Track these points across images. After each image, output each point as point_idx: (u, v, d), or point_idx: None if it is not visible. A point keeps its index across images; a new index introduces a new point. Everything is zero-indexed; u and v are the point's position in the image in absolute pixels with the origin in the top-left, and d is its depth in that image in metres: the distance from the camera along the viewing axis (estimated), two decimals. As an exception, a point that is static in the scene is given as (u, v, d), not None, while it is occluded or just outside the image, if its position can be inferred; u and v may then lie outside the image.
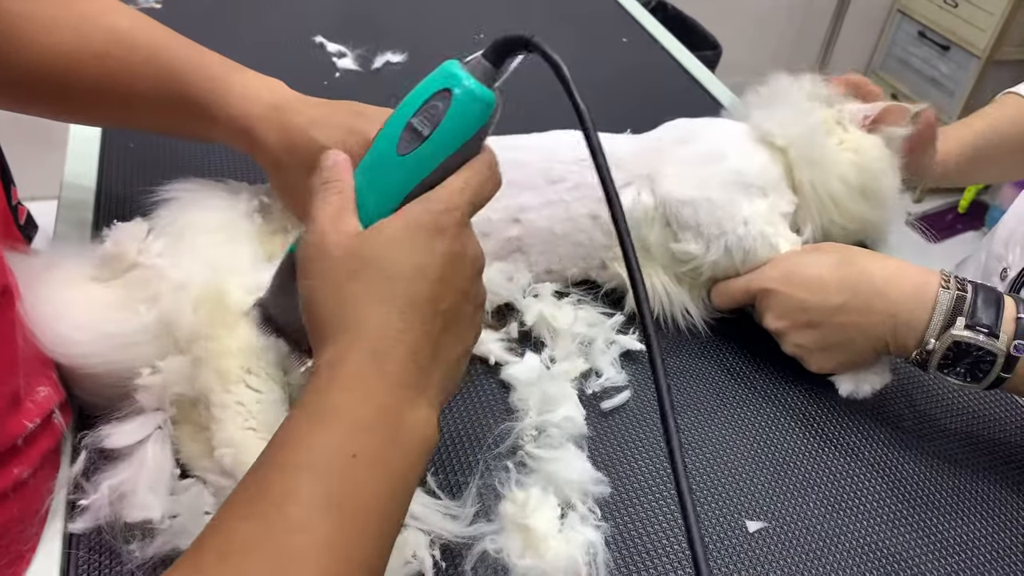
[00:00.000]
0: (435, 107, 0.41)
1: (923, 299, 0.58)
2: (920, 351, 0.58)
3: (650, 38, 1.19)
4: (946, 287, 0.58)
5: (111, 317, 0.51)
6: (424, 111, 0.41)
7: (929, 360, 0.58)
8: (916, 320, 0.58)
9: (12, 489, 0.45)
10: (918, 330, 0.58)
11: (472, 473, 0.54)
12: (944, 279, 0.58)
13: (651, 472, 0.57)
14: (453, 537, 0.50)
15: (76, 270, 0.55)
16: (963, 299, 0.57)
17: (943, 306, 0.57)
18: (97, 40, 0.56)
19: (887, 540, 0.55)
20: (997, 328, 0.55)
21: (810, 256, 0.64)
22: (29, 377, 0.47)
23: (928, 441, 0.63)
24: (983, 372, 0.56)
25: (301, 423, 0.36)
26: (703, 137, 0.69)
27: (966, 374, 0.57)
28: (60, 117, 0.63)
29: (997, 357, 0.55)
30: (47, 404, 0.47)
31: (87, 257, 0.56)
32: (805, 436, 0.62)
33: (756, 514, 0.55)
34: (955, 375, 0.58)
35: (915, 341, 0.58)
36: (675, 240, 0.66)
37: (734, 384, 0.65)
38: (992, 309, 0.56)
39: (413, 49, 1.04)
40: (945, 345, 0.56)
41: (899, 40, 2.72)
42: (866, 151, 0.66)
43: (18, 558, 0.46)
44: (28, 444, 0.46)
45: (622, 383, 0.63)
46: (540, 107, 0.70)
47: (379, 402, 0.36)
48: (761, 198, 0.65)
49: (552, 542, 0.50)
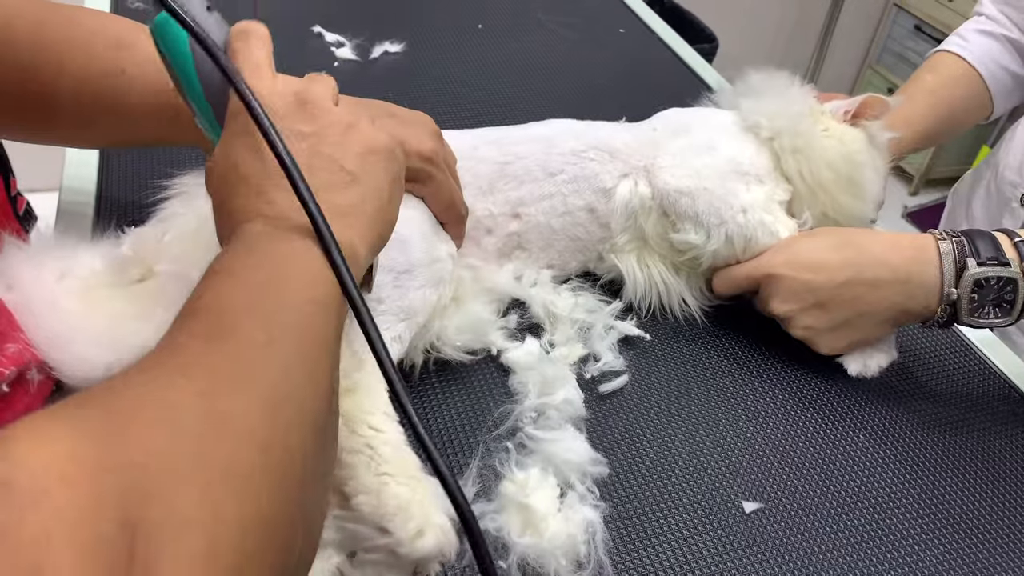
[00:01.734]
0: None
1: (927, 256, 0.60)
2: (943, 305, 0.60)
3: (647, 29, 1.20)
4: (943, 239, 0.60)
5: (133, 328, 0.50)
6: None
7: (958, 310, 0.60)
8: (928, 277, 0.60)
9: None
10: (933, 287, 0.60)
11: (473, 454, 0.55)
12: (936, 235, 0.61)
13: (649, 453, 0.58)
14: (455, 516, 0.51)
15: (90, 278, 0.54)
16: (962, 244, 0.60)
17: (948, 256, 0.59)
18: (108, 57, 0.56)
19: (884, 520, 0.56)
20: (1004, 257, 0.58)
21: (810, 239, 0.65)
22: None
23: (928, 421, 0.64)
24: (1009, 303, 0.59)
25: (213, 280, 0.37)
26: (696, 128, 0.70)
27: (996, 309, 0.59)
28: (75, 143, 0.64)
29: (1017, 281, 0.58)
30: (20, 359, 0.46)
31: (100, 260, 0.55)
32: (801, 418, 0.63)
33: (752, 495, 0.56)
34: (985, 317, 0.60)
35: (936, 297, 0.60)
36: (674, 230, 0.67)
37: (730, 367, 0.66)
38: (990, 243, 0.59)
39: (411, 39, 1.04)
40: (968, 287, 0.59)
41: (895, 34, 2.73)
42: (849, 142, 0.67)
43: None
44: (14, 402, 0.45)
45: (620, 367, 0.63)
46: (519, 97, 0.70)
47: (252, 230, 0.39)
48: (758, 185, 0.66)
49: (551, 521, 0.50)
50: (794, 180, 0.67)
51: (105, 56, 0.57)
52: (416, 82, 0.97)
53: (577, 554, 0.50)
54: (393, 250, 0.54)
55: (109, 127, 0.62)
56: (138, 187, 0.66)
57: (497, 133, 0.70)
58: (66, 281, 0.52)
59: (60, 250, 0.54)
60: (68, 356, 0.49)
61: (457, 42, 1.08)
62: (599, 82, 1.04)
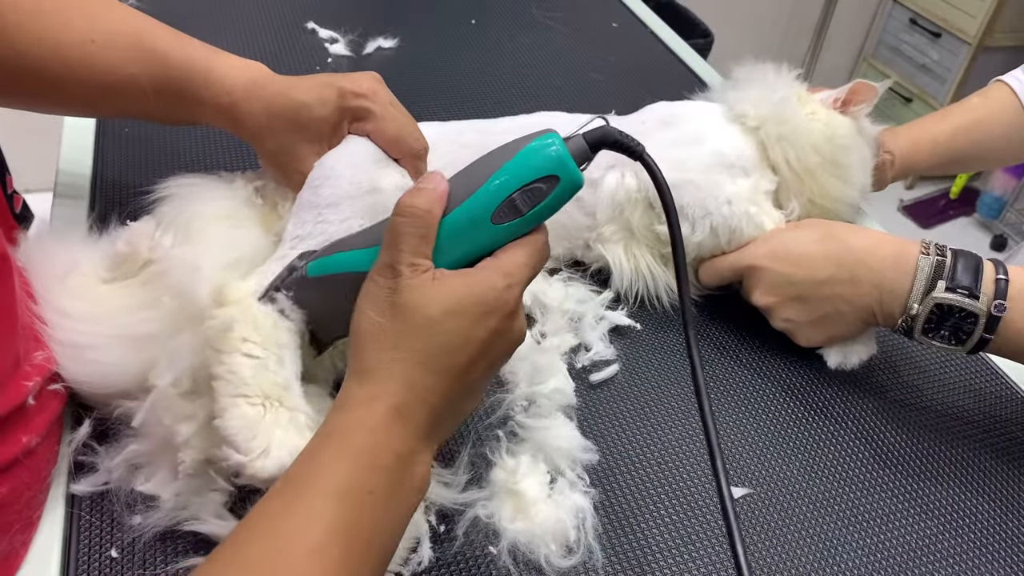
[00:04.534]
0: (539, 189, 0.42)
1: (904, 266, 0.59)
2: (905, 317, 0.59)
3: (641, 24, 1.20)
4: (926, 253, 0.59)
5: (142, 317, 0.51)
6: (528, 190, 0.42)
7: (914, 325, 0.59)
8: (899, 287, 0.59)
9: (23, 456, 0.46)
10: (902, 297, 0.59)
11: (464, 442, 0.56)
12: (924, 247, 0.60)
13: (638, 440, 0.59)
14: (447, 503, 0.52)
15: (92, 275, 0.55)
16: (943, 264, 0.58)
17: (924, 271, 0.58)
18: (80, 27, 0.57)
19: (869, 505, 0.57)
20: (977, 290, 0.57)
21: (794, 232, 0.66)
22: (27, 342, 0.48)
23: (910, 410, 0.65)
24: (966, 334, 0.58)
25: (327, 452, 0.39)
26: (683, 120, 0.70)
27: (950, 336, 0.59)
28: (43, 107, 0.63)
29: (979, 318, 0.57)
30: (46, 366, 0.48)
31: (99, 256, 0.56)
32: (789, 405, 0.63)
33: (741, 480, 0.57)
34: (939, 339, 0.59)
35: (900, 308, 0.60)
36: (660, 222, 0.67)
37: (719, 357, 0.67)
38: (972, 272, 0.58)
39: (405, 34, 1.05)
40: (928, 309, 0.58)
41: (891, 27, 2.73)
42: (836, 126, 0.68)
43: (28, 524, 0.47)
44: (36, 413, 0.47)
45: (611, 357, 0.64)
46: (513, 92, 0.71)
47: (397, 448, 0.40)
48: (743, 177, 0.67)
49: (542, 507, 0.51)
50: (780, 168, 0.68)
51: (79, 26, 0.58)
52: (410, 78, 0.98)
53: (567, 539, 0.51)
54: (322, 187, 0.56)
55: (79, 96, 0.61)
56: (132, 184, 0.66)
57: (485, 123, 0.71)
58: (70, 279, 0.53)
59: (61, 248, 0.55)
60: (84, 368, 0.50)
61: (451, 37, 1.09)
62: (593, 77, 1.04)
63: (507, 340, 0.44)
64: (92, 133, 0.80)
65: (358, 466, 0.39)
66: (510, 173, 0.42)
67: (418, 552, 0.49)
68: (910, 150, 0.80)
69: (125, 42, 0.58)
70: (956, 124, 0.83)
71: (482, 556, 0.50)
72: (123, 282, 0.55)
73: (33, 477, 0.48)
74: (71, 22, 0.57)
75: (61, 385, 0.50)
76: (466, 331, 0.41)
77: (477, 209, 0.43)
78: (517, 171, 0.42)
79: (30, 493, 0.47)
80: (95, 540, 0.48)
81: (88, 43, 0.57)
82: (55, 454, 0.50)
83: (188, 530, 0.48)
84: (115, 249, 0.56)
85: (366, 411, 0.40)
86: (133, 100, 0.60)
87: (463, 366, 0.41)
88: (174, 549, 0.48)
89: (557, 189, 0.42)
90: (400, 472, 0.40)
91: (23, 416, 0.46)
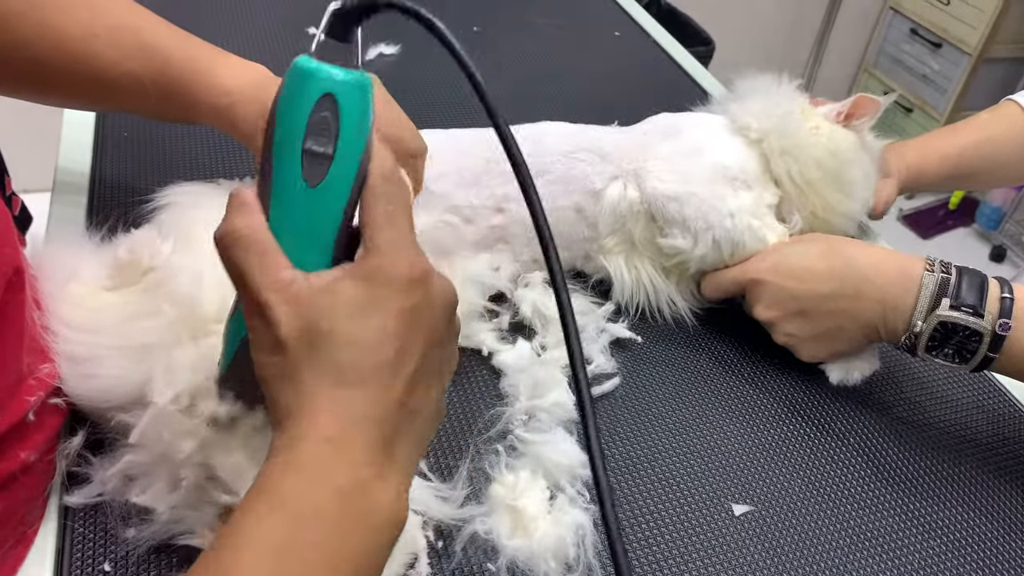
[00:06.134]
0: (324, 119, 0.35)
1: (908, 283, 0.59)
2: (908, 334, 0.59)
3: (642, 32, 1.20)
4: (931, 270, 0.59)
5: (145, 327, 0.50)
6: (315, 131, 0.35)
7: (917, 343, 0.59)
8: (903, 304, 0.59)
9: (20, 472, 0.45)
10: (906, 314, 0.59)
11: (463, 457, 0.55)
12: (929, 263, 0.59)
13: (639, 456, 0.58)
14: (445, 518, 0.51)
15: (93, 283, 0.54)
16: (947, 281, 0.58)
17: (928, 288, 0.58)
18: (84, 20, 0.56)
19: (871, 524, 0.56)
20: (982, 308, 0.56)
21: (797, 246, 0.65)
22: (33, 355, 0.47)
23: (913, 427, 0.64)
24: (970, 352, 0.58)
25: (254, 511, 0.34)
26: (685, 132, 0.70)
27: (954, 355, 0.58)
28: (42, 99, 0.63)
29: (983, 336, 0.56)
30: (50, 381, 0.47)
31: (100, 264, 0.55)
32: (791, 422, 0.63)
33: (742, 498, 0.57)
34: (943, 356, 0.59)
35: (904, 325, 0.59)
36: (662, 235, 0.67)
37: (721, 372, 0.67)
38: (977, 290, 0.57)
39: (406, 42, 1.05)
40: (931, 326, 0.58)
41: (891, 37, 2.73)
42: (839, 140, 0.67)
43: (22, 539, 0.47)
44: (35, 429, 0.46)
45: (611, 370, 0.64)
46: (515, 100, 0.70)
47: (338, 483, 0.34)
48: (746, 191, 0.67)
49: (541, 523, 0.51)
50: (783, 182, 0.68)
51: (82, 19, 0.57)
52: (411, 85, 0.98)
53: (566, 556, 0.50)
54: None
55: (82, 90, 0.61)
56: (132, 185, 0.66)
57: (489, 132, 0.70)
58: (70, 287, 0.52)
59: (61, 254, 0.55)
60: (85, 383, 0.49)
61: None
62: (595, 86, 1.04)
63: (432, 306, 0.37)
64: (91, 132, 0.80)
65: (291, 516, 0.33)
66: (282, 126, 0.36)
67: (416, 569, 0.48)
68: (917, 164, 0.80)
69: (128, 38, 0.57)
70: (965, 140, 0.82)
71: (480, 573, 0.49)
72: (124, 290, 0.55)
73: (30, 493, 0.47)
74: (75, 15, 0.56)
75: (62, 400, 0.49)
76: (375, 324, 0.35)
77: (287, 186, 0.36)
78: (287, 119, 0.35)
79: (26, 509, 0.47)
80: (88, 553, 0.47)
81: (91, 37, 0.56)
82: (52, 469, 0.49)
83: (182, 544, 0.47)
84: (116, 256, 0.55)
85: (292, 455, 0.34)
86: (133, 96, 0.59)
87: (391, 361, 0.35)
88: (168, 563, 0.47)
89: (343, 105, 0.35)
90: (349, 508, 0.34)
91: (22, 432, 0.46)
